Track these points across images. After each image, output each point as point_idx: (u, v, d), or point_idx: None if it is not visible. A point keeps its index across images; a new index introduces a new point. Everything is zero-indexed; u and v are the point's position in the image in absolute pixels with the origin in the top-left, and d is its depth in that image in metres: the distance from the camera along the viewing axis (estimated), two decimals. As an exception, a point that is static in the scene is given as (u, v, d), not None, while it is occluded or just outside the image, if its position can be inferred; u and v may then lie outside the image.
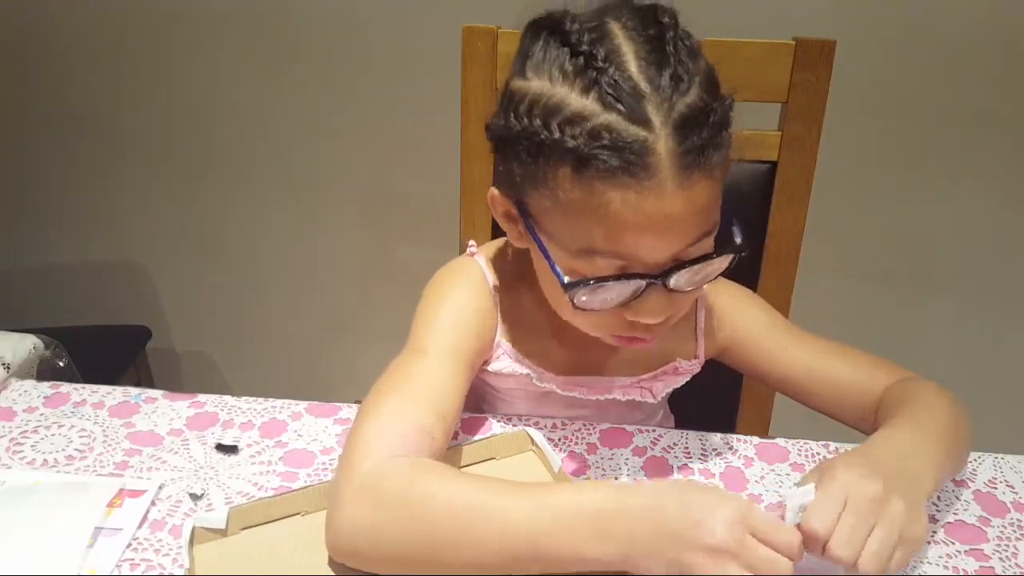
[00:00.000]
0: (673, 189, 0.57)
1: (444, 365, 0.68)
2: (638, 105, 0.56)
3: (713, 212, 0.61)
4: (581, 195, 0.58)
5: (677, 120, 0.56)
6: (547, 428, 0.77)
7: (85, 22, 1.62)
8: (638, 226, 0.58)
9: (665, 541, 0.52)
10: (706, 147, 0.57)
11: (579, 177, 0.57)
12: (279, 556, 0.61)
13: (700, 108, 0.57)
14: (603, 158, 0.56)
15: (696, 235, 0.60)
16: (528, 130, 0.59)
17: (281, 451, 0.73)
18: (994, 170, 1.52)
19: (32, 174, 1.80)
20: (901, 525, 0.54)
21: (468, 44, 0.94)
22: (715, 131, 0.58)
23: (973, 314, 1.65)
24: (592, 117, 0.56)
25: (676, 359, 0.79)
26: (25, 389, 0.81)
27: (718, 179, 0.60)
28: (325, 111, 1.64)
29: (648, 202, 0.57)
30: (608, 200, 0.57)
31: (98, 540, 0.63)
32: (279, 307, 1.85)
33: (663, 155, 0.56)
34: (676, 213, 0.58)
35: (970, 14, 1.40)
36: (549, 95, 0.59)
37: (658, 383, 0.79)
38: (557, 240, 0.62)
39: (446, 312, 0.72)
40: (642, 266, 0.60)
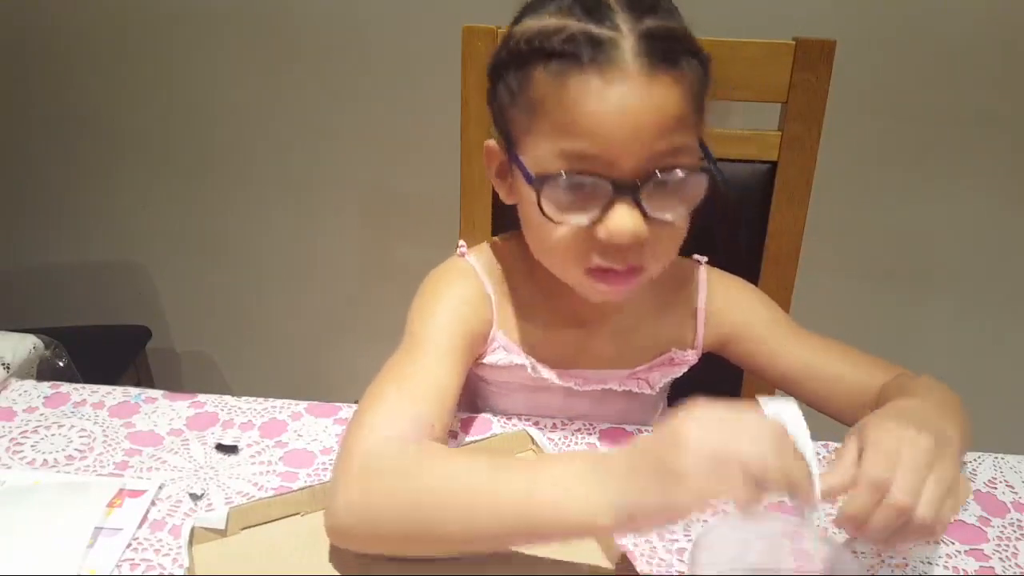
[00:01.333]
0: (634, 77, 0.60)
1: (441, 362, 0.68)
2: (609, 17, 0.62)
3: (682, 131, 0.63)
4: (550, 89, 0.62)
5: (644, 30, 0.61)
6: (547, 428, 0.77)
7: (85, 22, 1.62)
8: (600, 115, 0.60)
9: (651, 459, 0.50)
10: (673, 55, 0.62)
11: (551, 74, 0.62)
12: (279, 556, 0.61)
13: (669, 28, 0.63)
14: (571, 52, 0.61)
15: (664, 144, 0.62)
16: (512, 51, 0.66)
17: (281, 451, 0.73)
18: (994, 170, 1.53)
19: (32, 174, 1.80)
20: (951, 477, 0.54)
21: (468, 44, 0.94)
22: (685, 52, 0.63)
23: (973, 314, 1.65)
24: (567, 28, 0.62)
25: (672, 349, 0.79)
26: (25, 389, 0.81)
27: (688, 98, 0.63)
28: (325, 111, 1.64)
29: (609, 85, 0.60)
30: (575, 88, 0.61)
31: (98, 540, 0.63)
32: (279, 307, 1.85)
33: (627, 49, 0.61)
34: (640, 106, 0.60)
35: (970, 14, 1.40)
36: (536, 23, 0.65)
37: (654, 373, 0.79)
38: (533, 150, 0.65)
39: (441, 309, 0.72)
40: (611, 173, 0.62)
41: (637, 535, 0.65)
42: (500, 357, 0.76)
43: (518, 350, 0.76)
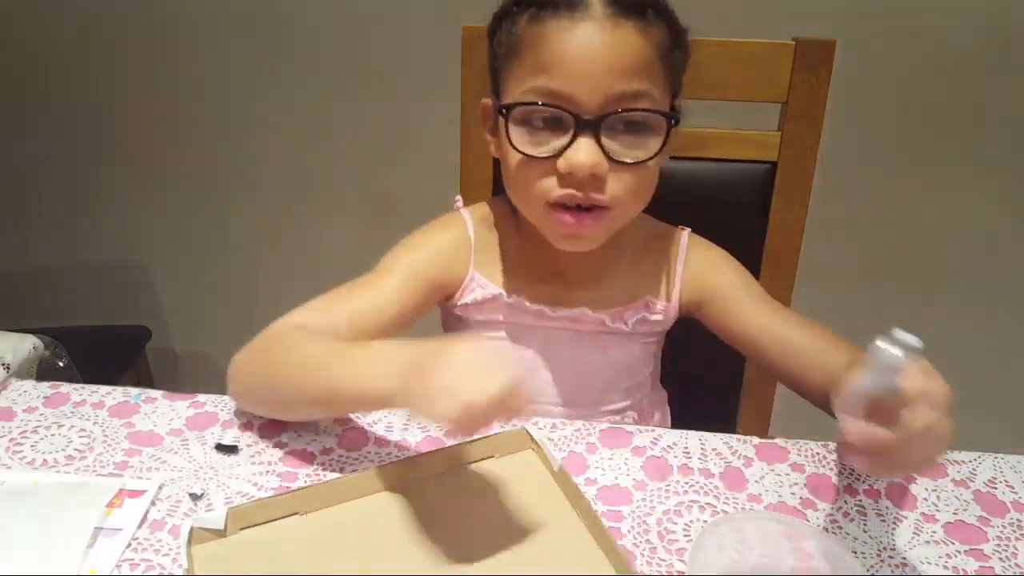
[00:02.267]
0: (599, 19, 0.67)
1: (389, 283, 0.79)
2: None
3: (645, 78, 0.69)
4: (527, 31, 0.70)
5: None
6: (547, 428, 0.77)
7: (85, 22, 1.62)
8: (566, 54, 0.67)
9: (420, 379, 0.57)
10: (641, 9, 0.68)
11: (530, 20, 0.70)
12: (279, 556, 0.61)
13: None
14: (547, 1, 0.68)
15: (625, 86, 0.68)
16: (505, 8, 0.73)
17: (281, 451, 0.73)
18: (994, 170, 1.53)
19: (32, 174, 1.80)
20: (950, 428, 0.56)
21: (468, 44, 0.94)
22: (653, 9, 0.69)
23: (973, 314, 1.65)
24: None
25: (647, 296, 0.83)
26: (25, 389, 0.80)
27: (653, 47, 0.69)
28: (325, 110, 1.64)
29: (576, 26, 0.67)
30: (546, 28, 0.68)
31: (98, 540, 0.63)
32: (279, 307, 1.84)
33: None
34: (602, 45, 0.67)
35: (970, 14, 1.40)
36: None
37: (628, 312, 0.83)
38: (509, 89, 0.72)
39: (411, 244, 0.82)
40: (575, 108, 0.68)
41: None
42: (477, 294, 0.82)
43: (493, 286, 0.82)
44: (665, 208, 0.82)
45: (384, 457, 0.72)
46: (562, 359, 0.84)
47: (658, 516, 0.67)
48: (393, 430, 0.76)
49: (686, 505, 0.68)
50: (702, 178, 0.98)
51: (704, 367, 0.92)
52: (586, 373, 0.85)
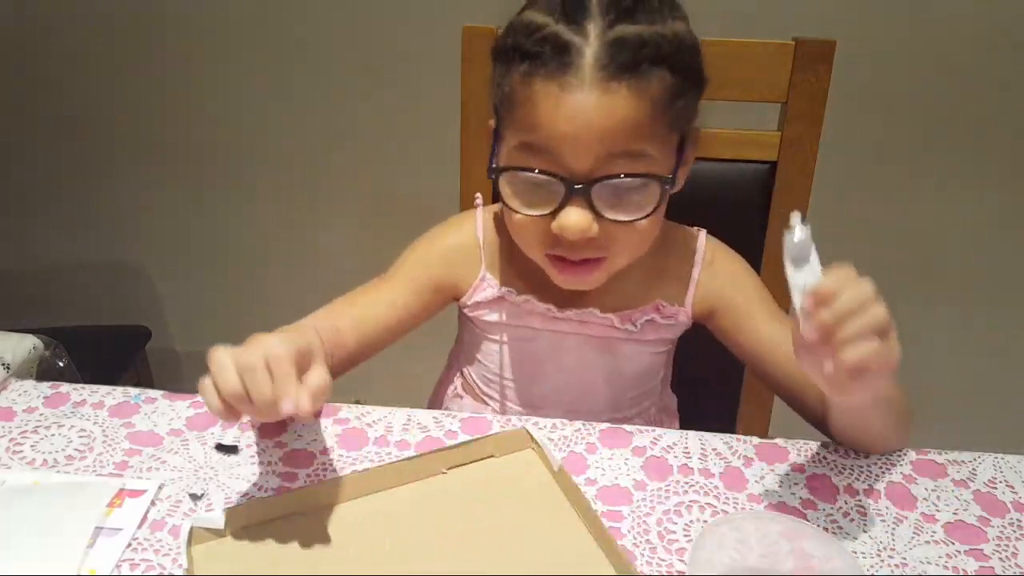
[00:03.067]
0: (588, 87, 0.64)
1: (395, 286, 0.81)
2: (582, 19, 0.65)
3: (638, 138, 0.66)
4: (520, 88, 0.67)
5: (611, 37, 0.64)
6: (547, 428, 0.77)
7: (86, 22, 1.62)
8: (554, 118, 0.65)
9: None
10: (635, 67, 0.64)
11: (521, 73, 0.67)
12: (278, 556, 0.61)
13: (640, 37, 0.64)
14: (539, 53, 0.65)
15: (615, 149, 0.65)
16: (502, 43, 0.70)
17: (281, 451, 0.73)
18: (994, 170, 1.52)
19: (32, 174, 1.80)
20: (888, 322, 0.59)
21: (468, 44, 0.94)
22: (651, 62, 0.65)
23: (973, 314, 1.65)
24: (544, 27, 0.66)
25: (658, 300, 0.82)
26: (25, 389, 0.80)
27: (646, 106, 0.65)
28: (325, 111, 1.64)
29: (564, 95, 0.64)
30: (534, 91, 0.66)
31: (98, 540, 0.63)
32: (279, 307, 1.84)
33: (588, 58, 0.64)
34: (588, 111, 0.64)
35: (970, 14, 1.40)
36: (525, 18, 0.68)
37: (637, 313, 0.82)
38: (504, 141, 0.71)
39: (420, 246, 0.84)
40: (566, 171, 0.66)
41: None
42: (487, 294, 0.82)
43: (504, 287, 0.82)
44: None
45: (384, 457, 0.73)
46: (569, 364, 0.84)
47: (658, 516, 0.67)
48: (393, 430, 0.76)
49: (686, 505, 0.68)
50: (702, 178, 0.97)
51: (704, 367, 0.92)
52: (593, 380, 0.85)
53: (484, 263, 0.83)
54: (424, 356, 1.02)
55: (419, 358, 1.03)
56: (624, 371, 0.85)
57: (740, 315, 0.82)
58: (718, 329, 0.84)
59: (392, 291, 0.81)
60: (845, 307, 0.56)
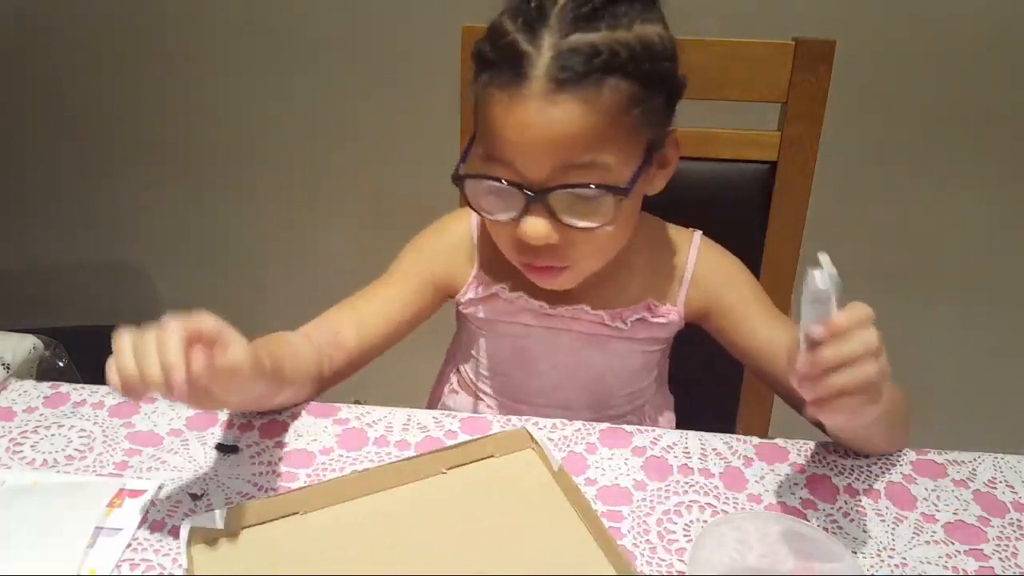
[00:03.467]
0: (536, 98, 0.64)
1: (394, 288, 0.83)
2: (539, 28, 0.65)
3: (591, 147, 0.66)
4: (480, 96, 0.68)
5: (564, 47, 0.64)
6: (547, 428, 0.77)
7: (86, 22, 1.62)
8: (506, 129, 0.66)
9: None
10: (585, 77, 0.63)
11: (482, 84, 0.68)
12: (278, 556, 0.61)
13: (594, 46, 0.64)
14: (495, 62, 0.66)
15: (570, 159, 0.65)
16: (474, 49, 0.70)
17: (281, 451, 0.73)
18: (994, 170, 1.52)
19: (32, 174, 1.80)
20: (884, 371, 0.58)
21: (468, 44, 0.94)
22: (604, 71, 0.64)
23: (973, 314, 1.65)
24: (504, 37, 0.66)
25: (649, 298, 0.82)
26: (25, 389, 0.80)
27: (599, 115, 0.65)
28: (325, 111, 1.64)
29: (514, 106, 0.65)
30: (491, 102, 0.67)
31: (98, 540, 0.63)
32: (279, 307, 1.84)
33: (538, 68, 0.64)
34: (537, 122, 0.64)
35: (970, 14, 1.40)
36: (497, 25, 0.68)
37: (628, 311, 0.82)
38: (474, 152, 0.72)
39: (416, 247, 0.85)
40: (523, 180, 0.67)
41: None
42: (480, 291, 0.83)
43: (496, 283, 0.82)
44: (665, 207, 0.82)
45: (384, 457, 0.73)
46: (562, 360, 0.84)
47: (658, 516, 0.67)
48: (393, 430, 0.76)
49: (686, 505, 0.68)
50: (702, 178, 0.98)
51: (704, 367, 0.92)
52: (586, 377, 0.85)
53: (477, 260, 0.84)
54: (424, 356, 1.02)
55: (419, 358, 1.03)
56: (616, 368, 0.86)
57: (736, 315, 0.82)
58: (714, 329, 0.84)
59: (391, 291, 0.83)
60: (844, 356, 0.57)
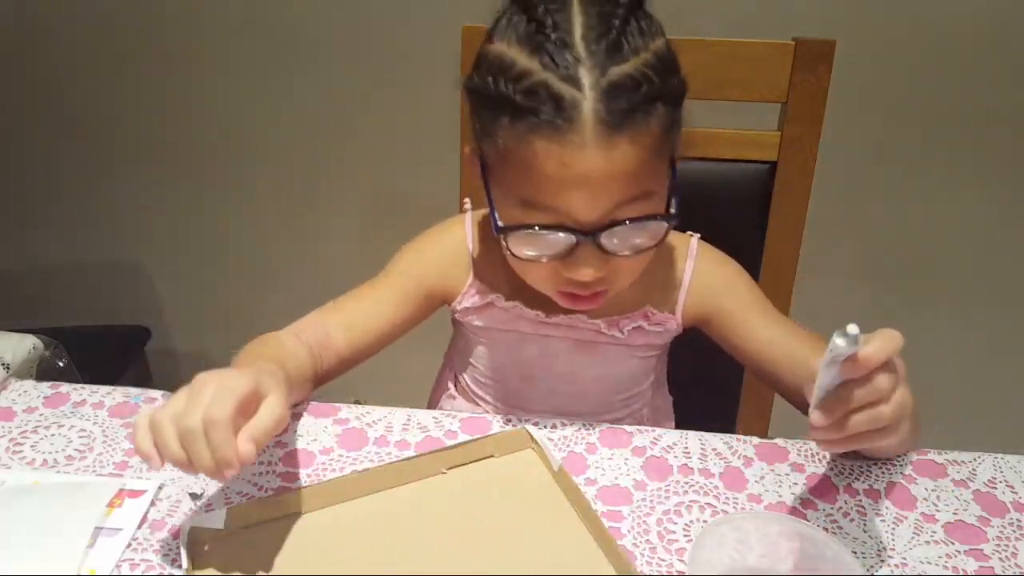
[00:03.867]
0: (593, 146, 0.61)
1: (384, 290, 0.81)
2: (572, 67, 0.61)
3: (643, 180, 0.65)
4: (515, 145, 0.64)
5: (606, 85, 0.61)
6: (547, 428, 0.77)
7: (86, 22, 1.62)
8: (560, 179, 0.63)
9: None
10: (633, 114, 0.62)
11: (513, 128, 0.63)
12: (278, 556, 0.61)
13: (633, 78, 0.62)
14: (533, 109, 0.62)
15: (623, 197, 0.64)
16: (483, 86, 0.66)
17: (281, 451, 0.73)
18: (994, 170, 1.52)
19: (32, 174, 1.80)
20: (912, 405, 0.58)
21: (468, 44, 0.94)
22: (647, 102, 0.63)
23: (973, 314, 1.65)
24: (532, 75, 0.62)
25: (647, 306, 0.82)
26: (25, 389, 0.80)
27: (648, 147, 0.64)
28: (325, 111, 1.64)
29: (568, 155, 0.62)
30: (535, 151, 0.63)
31: (98, 540, 0.63)
32: (279, 307, 1.84)
33: (587, 113, 0.61)
34: (596, 170, 0.62)
35: (970, 14, 1.40)
36: (504, 55, 0.65)
37: (625, 320, 0.81)
38: (502, 190, 0.69)
39: (410, 251, 0.84)
40: (574, 222, 0.65)
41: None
42: (476, 300, 0.82)
43: (492, 292, 0.81)
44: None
45: (384, 457, 0.72)
46: (559, 369, 0.84)
47: (658, 516, 0.67)
48: (393, 430, 0.76)
49: (686, 505, 0.68)
50: (702, 178, 0.98)
51: (704, 368, 0.92)
52: (582, 384, 0.85)
53: (472, 269, 0.83)
54: (424, 356, 1.02)
55: (419, 358, 1.03)
56: (612, 375, 0.86)
57: (736, 320, 0.82)
58: (714, 334, 0.84)
59: (381, 296, 0.82)
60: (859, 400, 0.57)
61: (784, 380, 0.79)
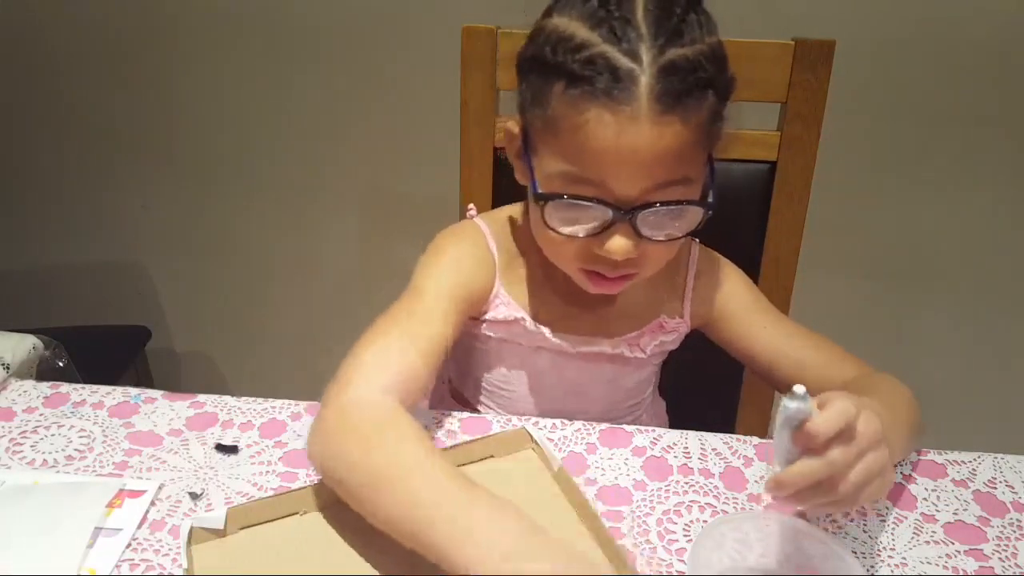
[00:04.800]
0: (645, 120, 0.62)
1: (438, 306, 0.73)
2: (634, 43, 0.62)
3: (685, 164, 0.65)
4: (566, 111, 0.64)
5: (664, 63, 0.62)
6: (547, 428, 0.77)
7: (86, 22, 1.62)
8: (607, 149, 0.63)
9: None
10: (687, 95, 0.62)
11: (567, 94, 0.64)
12: (278, 556, 0.61)
13: (690, 61, 0.63)
14: (590, 77, 0.62)
15: (664, 177, 0.65)
16: (539, 54, 0.66)
17: (281, 451, 0.73)
18: (993, 170, 1.52)
19: (32, 174, 1.80)
20: (884, 464, 0.57)
21: (468, 44, 0.94)
22: (700, 87, 0.63)
23: (973, 314, 1.65)
24: (592, 46, 0.63)
25: (661, 315, 0.83)
26: (25, 389, 0.81)
27: (695, 132, 0.64)
28: (325, 111, 1.64)
29: (621, 125, 0.62)
30: (587, 118, 0.63)
31: (98, 540, 0.63)
32: (279, 307, 1.85)
33: (643, 87, 0.62)
34: (644, 145, 0.63)
35: (970, 14, 1.40)
36: (564, 28, 0.65)
37: (645, 338, 0.82)
38: (544, 160, 0.68)
39: (446, 261, 0.78)
40: (614, 199, 0.65)
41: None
42: (501, 312, 0.80)
43: (517, 307, 0.80)
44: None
45: (384, 457, 0.72)
46: (570, 379, 0.84)
47: (658, 516, 0.67)
48: (393, 430, 0.76)
49: (686, 505, 0.68)
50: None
51: (704, 367, 0.92)
52: (593, 392, 0.85)
53: (499, 278, 0.81)
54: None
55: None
56: (624, 383, 0.86)
57: (738, 323, 0.83)
58: (716, 336, 0.85)
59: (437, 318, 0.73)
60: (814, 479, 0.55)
61: (786, 380, 0.80)
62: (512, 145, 0.74)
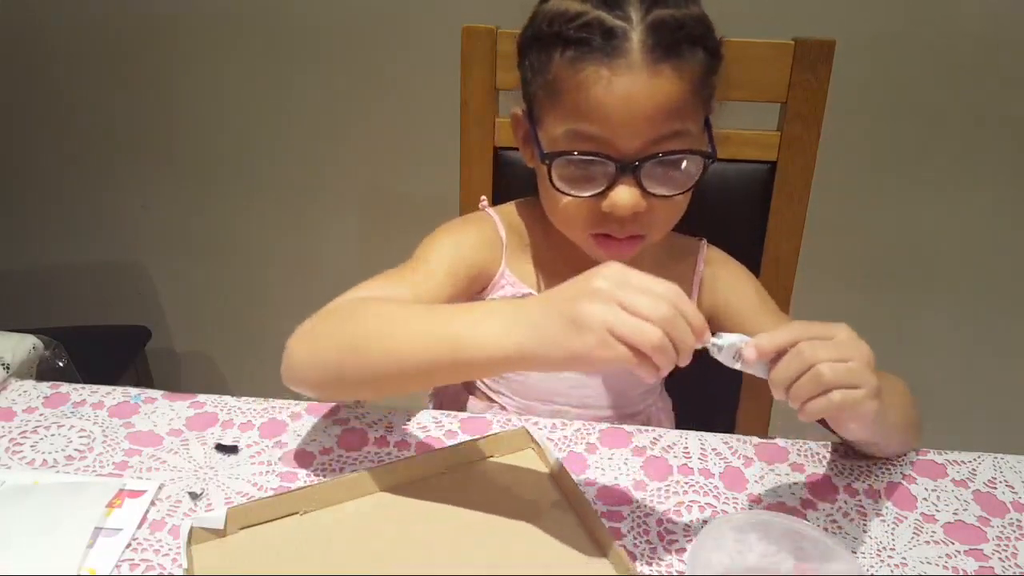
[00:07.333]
0: (640, 71, 0.66)
1: (434, 275, 0.76)
2: (623, 6, 0.67)
3: (682, 115, 0.69)
4: (566, 72, 0.68)
5: (653, 20, 0.67)
6: (547, 428, 0.77)
7: (86, 22, 1.62)
8: (606, 102, 0.67)
9: (558, 307, 0.55)
10: (677, 47, 0.67)
11: (565, 58, 0.68)
12: (278, 556, 0.61)
13: (676, 19, 0.67)
14: (586, 39, 0.67)
15: (664, 129, 0.68)
16: (538, 32, 0.71)
17: (281, 451, 0.73)
18: (993, 170, 1.53)
19: (32, 174, 1.80)
20: (868, 375, 0.57)
21: (468, 44, 0.94)
22: (689, 42, 0.68)
23: (972, 314, 1.65)
24: (586, 14, 0.68)
25: None
26: (25, 389, 0.81)
27: (688, 82, 0.68)
28: (325, 111, 1.64)
29: (617, 77, 0.66)
30: (586, 75, 0.67)
31: (98, 540, 0.63)
32: (279, 307, 1.85)
33: (635, 42, 0.66)
34: (641, 95, 0.66)
35: (970, 14, 1.40)
36: (559, 6, 0.70)
37: None
38: (548, 127, 0.72)
39: (449, 238, 0.81)
40: (616, 153, 0.68)
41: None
42: (507, 292, 0.82)
43: (524, 287, 0.82)
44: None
45: (384, 457, 0.73)
46: None
47: (658, 516, 0.67)
48: (393, 430, 0.76)
49: (686, 505, 0.68)
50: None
51: (704, 367, 0.92)
52: (605, 379, 0.85)
53: (505, 260, 0.83)
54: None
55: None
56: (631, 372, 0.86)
57: (744, 320, 0.83)
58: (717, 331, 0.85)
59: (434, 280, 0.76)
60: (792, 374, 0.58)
61: None
62: (519, 128, 0.78)
